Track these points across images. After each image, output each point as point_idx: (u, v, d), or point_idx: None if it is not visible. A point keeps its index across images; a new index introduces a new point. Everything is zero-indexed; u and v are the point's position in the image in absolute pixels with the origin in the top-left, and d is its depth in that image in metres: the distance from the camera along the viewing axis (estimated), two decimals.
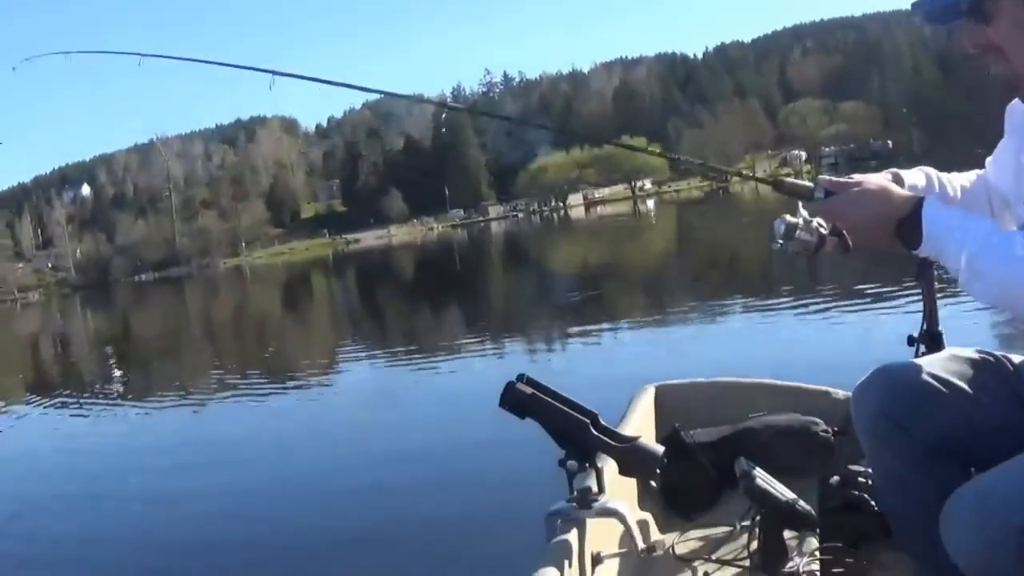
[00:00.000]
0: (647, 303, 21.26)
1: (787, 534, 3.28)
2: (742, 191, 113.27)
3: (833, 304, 14.74)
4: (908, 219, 2.38)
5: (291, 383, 16.96)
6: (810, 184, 2.61)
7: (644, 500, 3.88)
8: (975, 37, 2.39)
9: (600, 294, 24.78)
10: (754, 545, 3.29)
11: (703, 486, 4.02)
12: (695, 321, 16.64)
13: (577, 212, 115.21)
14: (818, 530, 3.35)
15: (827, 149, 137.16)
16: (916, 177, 2.89)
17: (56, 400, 18.83)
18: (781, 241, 2.67)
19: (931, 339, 3.86)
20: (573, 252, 50.13)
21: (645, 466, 3.09)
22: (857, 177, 2.63)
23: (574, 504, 2.98)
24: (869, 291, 14.64)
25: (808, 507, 3.25)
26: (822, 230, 2.64)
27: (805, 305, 15.14)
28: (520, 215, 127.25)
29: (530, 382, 3.05)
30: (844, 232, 2.62)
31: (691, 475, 4.03)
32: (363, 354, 19.88)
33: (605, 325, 18.16)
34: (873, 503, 3.27)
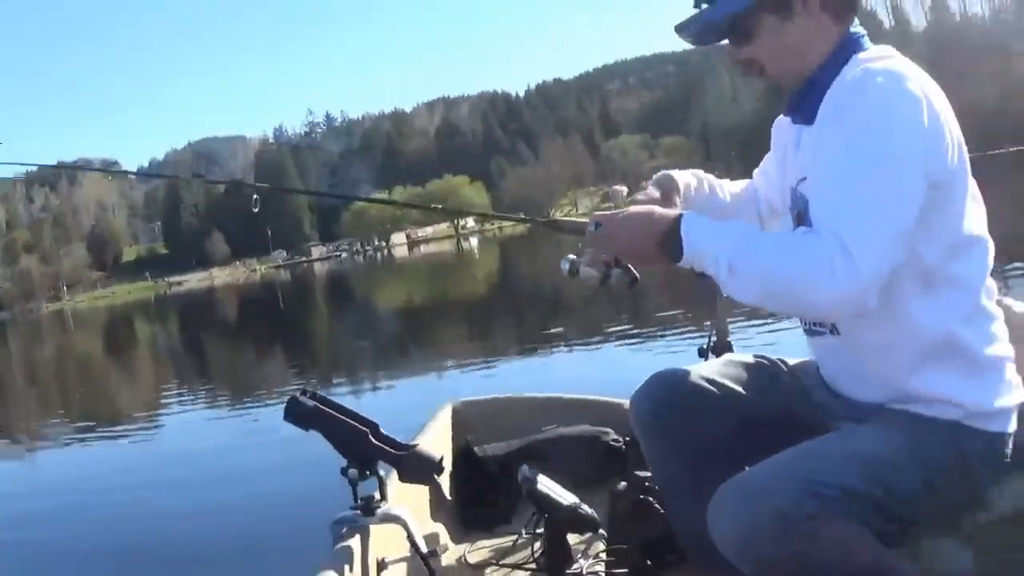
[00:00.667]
0: (463, 335, 21.62)
1: (575, 538, 3.38)
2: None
3: (635, 327, 15.08)
4: (669, 234, 2.42)
5: (107, 426, 16.56)
6: (583, 220, 2.70)
7: (438, 512, 3.91)
8: (736, 55, 2.60)
9: (418, 326, 25.01)
10: (541, 549, 3.36)
11: (495, 498, 4.03)
12: (505, 349, 16.98)
13: (401, 251, 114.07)
14: (605, 534, 3.39)
15: (647, 184, 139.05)
16: (687, 177, 3.06)
17: None
18: (568, 276, 2.72)
19: (720, 350, 3.98)
20: (396, 290, 49.95)
21: (423, 471, 3.11)
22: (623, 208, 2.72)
23: (358, 511, 3.02)
24: (670, 312, 15.02)
25: (590, 510, 3.28)
26: (605, 264, 2.68)
27: (610, 330, 15.39)
28: (344, 255, 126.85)
29: (314, 396, 3.08)
30: (627, 264, 2.67)
31: (483, 488, 4.10)
32: (180, 396, 19.68)
33: (417, 355, 18.60)
34: (658, 505, 3.28)
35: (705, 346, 4.02)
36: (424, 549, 3.09)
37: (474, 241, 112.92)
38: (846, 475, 2.35)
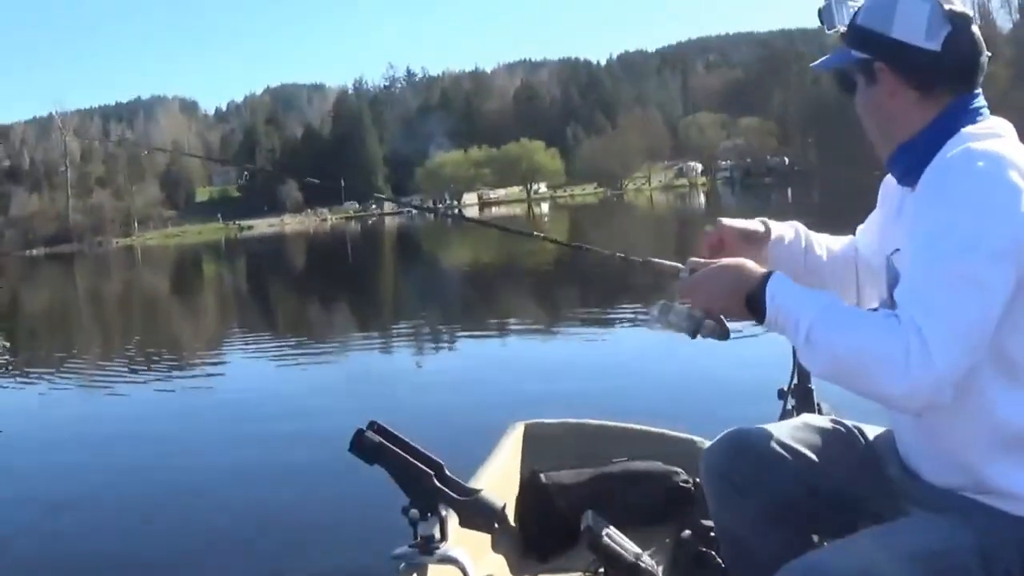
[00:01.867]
0: (536, 312, 21.38)
1: None
2: (636, 199, 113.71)
3: (711, 344, 13.98)
4: (755, 293, 2.44)
5: (172, 371, 16.95)
6: (678, 264, 2.74)
7: (500, 541, 3.87)
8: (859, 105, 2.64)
9: (491, 298, 24.88)
10: None
11: (559, 529, 4.00)
12: (575, 337, 16.62)
13: (472, 212, 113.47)
14: None
15: (723, 163, 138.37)
16: (784, 229, 2.99)
17: None
18: (658, 325, 2.69)
19: (802, 395, 3.93)
20: (465, 251, 50.19)
21: (484, 521, 3.11)
22: (738, 230, 2.87)
23: (416, 549, 3.02)
24: (754, 336, 13.95)
25: (652, 565, 3.32)
26: (696, 314, 2.62)
27: (685, 337, 14.51)
28: (415, 212, 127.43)
29: (380, 430, 3.08)
30: (719, 316, 2.62)
31: (548, 518, 4.07)
32: (243, 347, 19.68)
33: (491, 334, 18.26)
34: (720, 560, 3.27)
35: (786, 388, 3.95)
36: None
37: (545, 207, 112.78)
38: (908, 572, 2.31)
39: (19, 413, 14.03)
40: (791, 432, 2.87)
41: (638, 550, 3.35)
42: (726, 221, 2.90)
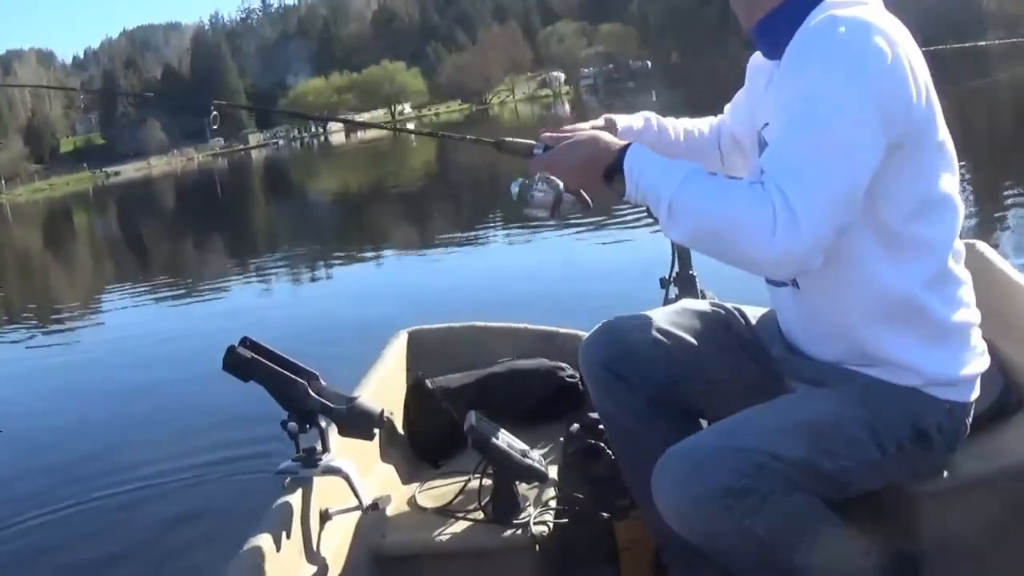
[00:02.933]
0: (407, 230, 21.31)
1: (524, 485, 3.29)
2: (501, 112, 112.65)
3: (595, 237, 14.03)
4: (614, 166, 2.36)
5: (51, 325, 16.58)
6: (531, 142, 2.63)
7: (390, 449, 3.82)
8: None
9: (363, 220, 24.91)
10: (488, 496, 3.28)
11: (447, 434, 3.88)
12: (455, 251, 16.38)
13: (338, 138, 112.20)
14: (557, 478, 3.36)
15: (586, 71, 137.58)
16: (633, 120, 2.93)
17: None
18: (525, 207, 2.59)
19: (684, 282, 3.91)
20: (333, 177, 49.64)
21: (362, 427, 3.09)
22: (572, 128, 2.67)
23: (300, 463, 3.00)
24: (631, 224, 13.62)
25: (538, 461, 3.25)
26: (554, 190, 2.53)
27: (565, 237, 14.44)
28: (281, 142, 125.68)
29: (252, 346, 3.03)
30: (578, 190, 2.53)
31: (435, 424, 3.97)
32: (120, 293, 19.16)
33: (368, 254, 18.16)
34: (610, 451, 3.26)
35: (668, 276, 3.95)
36: (367, 501, 3.07)
37: (411, 126, 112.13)
38: (794, 447, 2.33)
39: None
40: (669, 317, 2.87)
41: (525, 447, 3.26)
42: (568, 126, 2.71)
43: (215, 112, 3.34)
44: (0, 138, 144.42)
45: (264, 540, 2.65)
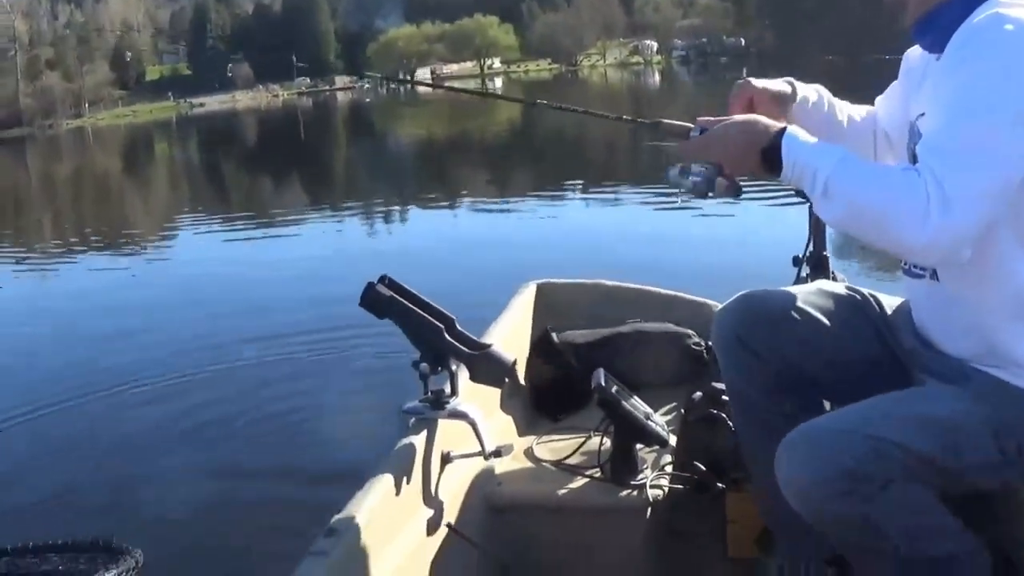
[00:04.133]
0: (526, 182, 21.17)
1: (643, 447, 3.39)
2: (590, 75, 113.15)
3: (728, 210, 13.53)
4: (771, 147, 2.42)
5: (133, 250, 16.87)
6: (687, 124, 2.68)
7: (511, 399, 3.90)
8: None
9: (440, 165, 24.99)
10: (608, 455, 3.37)
11: (569, 389, 3.99)
12: (572, 208, 16.56)
13: (424, 88, 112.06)
14: (673, 444, 3.44)
15: (678, 42, 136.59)
16: (808, 91, 2.95)
17: None
18: (678, 190, 2.65)
19: (816, 262, 3.94)
20: (429, 125, 49.67)
21: (494, 375, 3.15)
22: (770, 92, 2.80)
23: (427, 404, 3.07)
24: (767, 200, 13.19)
25: (661, 425, 3.36)
26: (709, 173, 2.59)
27: (696, 204, 13.33)
28: (367, 86, 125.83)
29: (391, 284, 3.07)
30: (731, 174, 2.59)
31: (559, 377, 4.07)
32: (196, 219, 19.61)
33: (493, 201, 18.21)
34: (730, 422, 3.26)
35: (801, 255, 3.95)
36: (490, 448, 3.13)
37: (499, 82, 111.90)
38: (919, 439, 2.33)
39: None
40: (806, 297, 2.87)
41: (649, 410, 3.37)
42: (754, 80, 2.82)
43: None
44: (87, 63, 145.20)
45: (386, 480, 2.74)
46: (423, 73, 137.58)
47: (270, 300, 11.16)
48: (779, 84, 2.87)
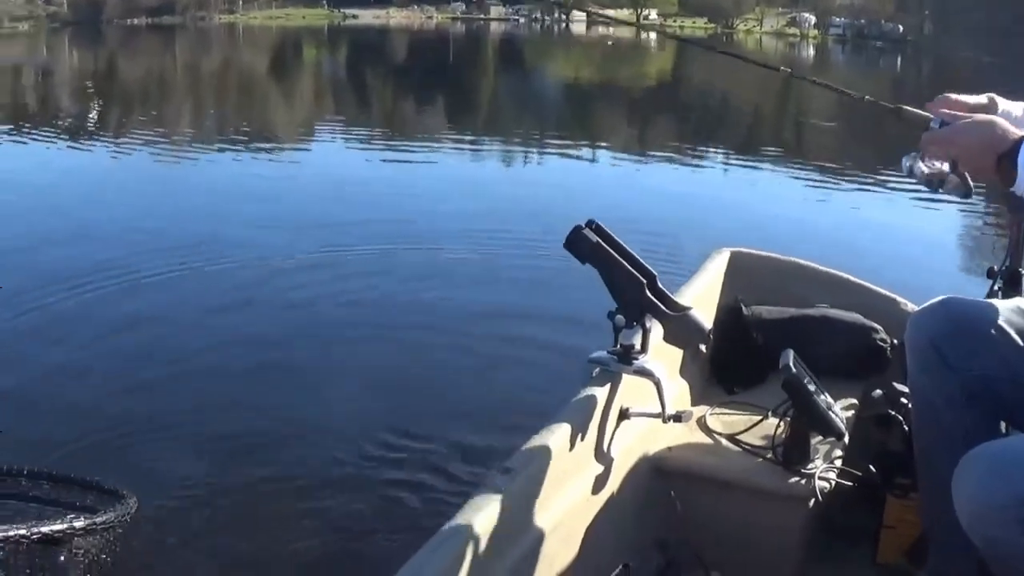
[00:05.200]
0: (712, 141, 20.78)
1: (817, 436, 3.34)
2: (745, 40, 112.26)
3: (927, 205, 13.35)
4: (1007, 155, 2.32)
5: (259, 144, 16.97)
6: (929, 115, 2.59)
7: (689, 366, 3.85)
8: None
9: (590, 107, 24.48)
10: (782, 438, 3.35)
11: (750, 364, 4.01)
12: (775, 179, 16.50)
13: (579, 28, 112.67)
14: (846, 440, 3.36)
15: (837, 20, 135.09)
16: (1011, 106, 2.80)
17: (18, 129, 18.74)
18: (911, 178, 2.64)
19: (1010, 277, 3.78)
20: (577, 66, 49.21)
21: (689, 339, 3.09)
22: (964, 102, 2.65)
23: (614, 356, 3.01)
24: (968, 206, 13.23)
25: (840, 418, 3.29)
26: (944, 167, 2.53)
27: (895, 192, 14.31)
28: (521, 20, 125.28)
29: (597, 230, 3.01)
30: (964, 173, 2.48)
31: (742, 350, 4.05)
32: (334, 128, 20.04)
33: (687, 159, 17.96)
34: (906, 426, 3.22)
35: (997, 268, 3.79)
36: (671, 411, 3.06)
37: (652, 35, 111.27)
38: None
39: (99, 172, 14.18)
40: (1007, 314, 2.74)
41: (830, 400, 3.31)
42: (952, 95, 2.67)
43: None
44: None
45: (562, 429, 2.76)
46: (579, 13, 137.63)
47: (437, 221, 11.35)
48: (978, 98, 2.73)
